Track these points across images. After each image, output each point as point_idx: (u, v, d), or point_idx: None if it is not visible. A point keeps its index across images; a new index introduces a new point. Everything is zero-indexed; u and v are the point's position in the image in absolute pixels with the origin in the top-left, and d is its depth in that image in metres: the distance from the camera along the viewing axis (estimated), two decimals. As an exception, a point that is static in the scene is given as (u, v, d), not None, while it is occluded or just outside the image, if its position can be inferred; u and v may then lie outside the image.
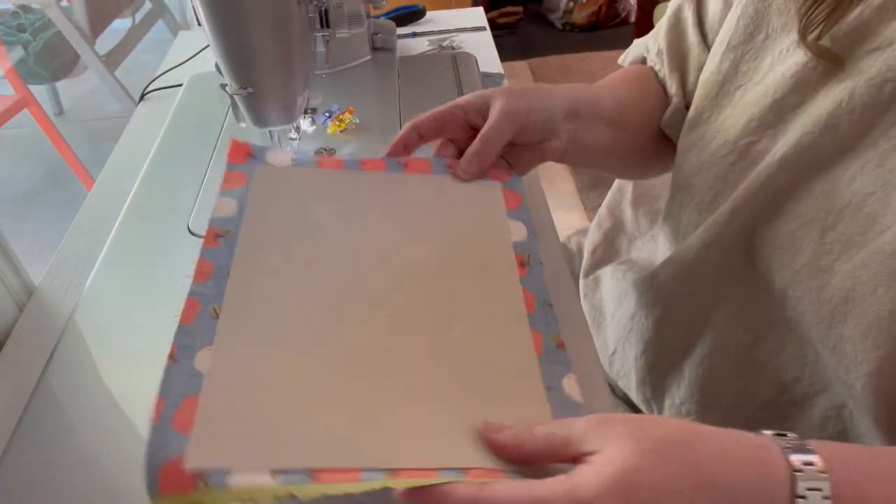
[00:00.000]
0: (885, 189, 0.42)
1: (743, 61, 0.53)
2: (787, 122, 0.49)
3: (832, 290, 0.44)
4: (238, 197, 0.49)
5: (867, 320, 0.42)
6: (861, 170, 0.44)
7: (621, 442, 0.32)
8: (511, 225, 0.49)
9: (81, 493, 0.42)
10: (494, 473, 0.34)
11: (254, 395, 0.37)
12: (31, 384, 0.49)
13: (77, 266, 0.63)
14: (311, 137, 0.72)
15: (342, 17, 0.60)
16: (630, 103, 0.62)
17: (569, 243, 0.85)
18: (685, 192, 0.57)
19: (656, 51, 0.65)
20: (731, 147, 0.52)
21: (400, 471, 0.34)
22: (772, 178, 0.48)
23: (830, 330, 0.45)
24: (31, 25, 2.01)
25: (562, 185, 2.04)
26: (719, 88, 0.55)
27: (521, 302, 0.44)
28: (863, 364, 0.43)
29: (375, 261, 0.46)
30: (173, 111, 0.81)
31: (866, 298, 0.42)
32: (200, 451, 0.33)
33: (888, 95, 0.42)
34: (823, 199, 0.45)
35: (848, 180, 0.44)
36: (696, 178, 0.55)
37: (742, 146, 0.51)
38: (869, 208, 0.43)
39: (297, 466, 0.33)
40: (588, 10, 2.97)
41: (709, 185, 0.54)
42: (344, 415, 0.37)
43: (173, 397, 0.36)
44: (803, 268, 0.46)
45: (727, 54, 0.54)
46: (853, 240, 0.44)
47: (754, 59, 0.52)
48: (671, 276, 0.58)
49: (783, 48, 0.50)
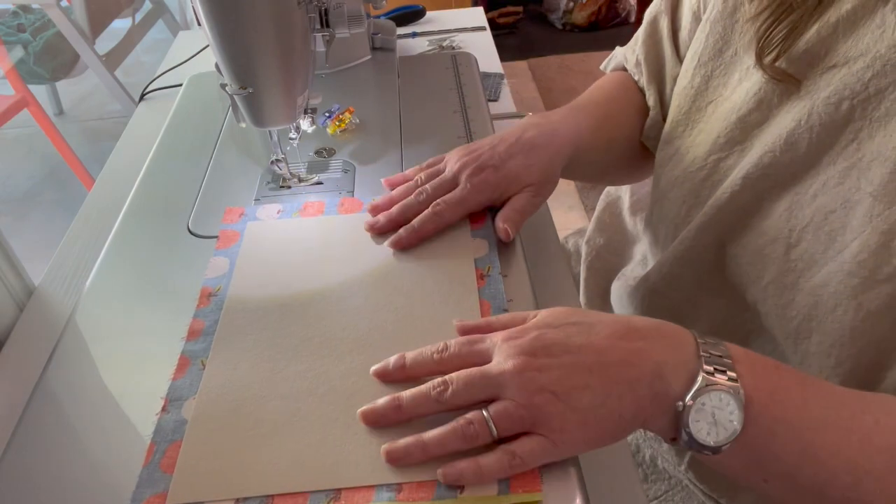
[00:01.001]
0: (844, 207, 0.42)
1: (713, 77, 0.53)
2: (753, 138, 0.49)
3: (796, 308, 0.45)
4: (230, 255, 0.57)
5: (830, 338, 0.43)
6: (822, 187, 0.44)
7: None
8: (474, 243, 0.56)
9: (81, 493, 0.42)
10: (427, 486, 0.39)
11: (227, 433, 0.43)
12: (31, 384, 0.49)
13: (77, 266, 0.63)
14: (311, 137, 0.72)
15: (342, 17, 0.60)
16: (614, 121, 0.63)
17: (566, 244, 0.85)
18: (661, 205, 0.57)
19: (634, 61, 0.65)
20: (701, 163, 0.52)
21: (340, 491, 0.39)
22: (736, 195, 0.48)
23: (797, 346, 0.45)
24: (31, 25, 2.01)
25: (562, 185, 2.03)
26: (692, 103, 0.55)
27: (478, 309, 0.50)
28: (829, 380, 0.43)
29: (352, 296, 0.52)
30: (173, 111, 0.81)
31: (828, 317, 0.42)
32: (179, 489, 0.40)
33: (845, 114, 0.42)
34: (787, 217, 0.46)
35: (810, 198, 0.44)
36: (671, 192, 0.56)
37: (711, 162, 0.52)
38: (830, 226, 0.43)
39: (256, 494, 0.39)
40: (588, 10, 2.97)
41: (682, 200, 0.54)
42: (303, 443, 0.42)
43: (162, 443, 0.43)
44: (769, 284, 0.47)
45: (698, 70, 0.54)
46: (815, 257, 0.44)
47: (723, 74, 0.52)
48: (651, 288, 0.59)
49: (749, 65, 0.50)
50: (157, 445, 0.43)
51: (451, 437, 0.38)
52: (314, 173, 0.67)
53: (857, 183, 0.42)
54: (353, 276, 0.54)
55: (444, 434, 0.38)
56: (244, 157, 0.70)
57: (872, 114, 0.41)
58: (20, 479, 0.43)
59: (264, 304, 0.52)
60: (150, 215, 0.64)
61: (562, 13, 3.00)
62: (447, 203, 0.55)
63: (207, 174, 0.68)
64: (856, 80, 0.42)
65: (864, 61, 0.41)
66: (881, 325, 0.40)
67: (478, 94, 0.81)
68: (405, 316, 0.50)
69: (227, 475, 0.41)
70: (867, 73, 0.41)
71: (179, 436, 0.43)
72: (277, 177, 0.66)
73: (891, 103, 0.40)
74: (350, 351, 0.48)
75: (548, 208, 0.69)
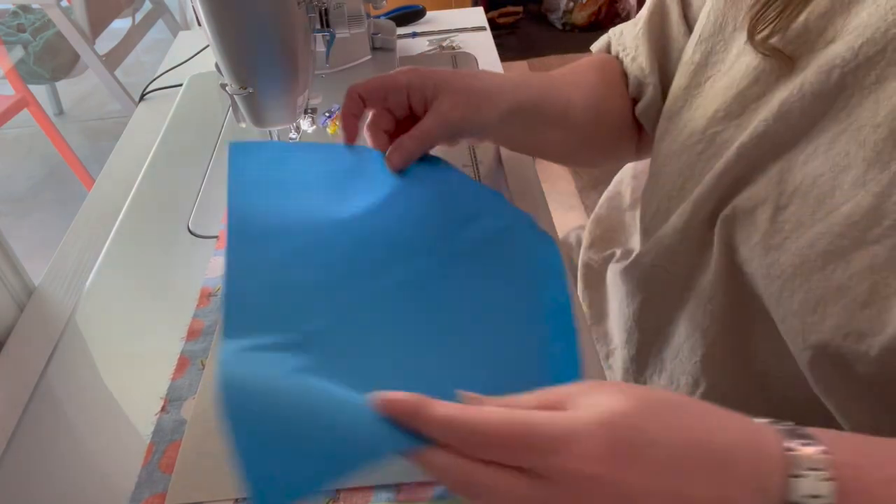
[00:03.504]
0: (833, 171, 0.43)
1: (713, 52, 0.54)
2: (750, 112, 0.49)
3: (781, 267, 0.45)
4: None
5: (815, 295, 0.43)
6: (814, 153, 0.44)
7: (611, 394, 0.33)
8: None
9: (81, 492, 0.42)
10: (426, 486, 0.38)
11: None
12: (31, 384, 0.49)
13: (77, 266, 0.63)
14: (311, 137, 0.72)
15: (342, 17, 0.60)
16: (580, 105, 0.62)
17: (568, 237, 0.86)
18: (656, 179, 0.58)
19: (633, 35, 0.64)
20: (699, 136, 0.53)
21: (339, 491, 0.39)
22: (731, 166, 0.49)
23: (780, 304, 0.45)
24: (31, 25, 2.01)
25: (562, 186, 2.04)
26: (691, 79, 0.55)
27: None
28: (811, 336, 0.43)
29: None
30: (173, 111, 0.81)
31: (815, 275, 0.43)
32: (178, 489, 0.40)
33: (836, 81, 0.43)
34: (778, 180, 0.46)
35: (801, 163, 0.45)
36: (667, 165, 0.56)
37: (709, 136, 0.52)
38: (818, 189, 0.44)
39: None
40: (588, 10, 2.97)
41: (678, 173, 0.55)
42: None
43: (161, 443, 0.43)
44: (756, 245, 0.47)
45: (699, 45, 0.54)
46: (803, 220, 0.44)
47: (723, 50, 0.53)
48: (649, 264, 0.59)
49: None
50: (156, 445, 0.43)
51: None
52: (314, 173, 0.67)
53: (846, 147, 0.42)
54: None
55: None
56: (244, 157, 0.70)
57: (863, 81, 0.42)
58: (20, 479, 0.43)
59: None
60: (150, 215, 0.64)
61: (562, 13, 3.00)
62: (359, 83, 0.53)
63: (207, 174, 0.68)
64: (846, 48, 0.42)
65: (857, 32, 0.42)
66: (867, 283, 0.41)
67: (478, 94, 0.81)
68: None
69: (226, 475, 0.41)
70: (858, 40, 0.42)
71: (179, 436, 0.43)
72: (277, 177, 0.66)
73: (881, 70, 0.41)
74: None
75: (548, 208, 0.69)
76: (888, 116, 0.41)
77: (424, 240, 0.47)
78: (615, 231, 0.76)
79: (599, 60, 0.66)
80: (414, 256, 0.46)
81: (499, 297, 0.46)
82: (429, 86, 0.53)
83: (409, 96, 0.54)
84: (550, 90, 0.61)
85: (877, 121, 0.41)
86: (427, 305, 0.43)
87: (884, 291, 0.40)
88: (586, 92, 0.63)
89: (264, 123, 0.59)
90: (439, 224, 0.49)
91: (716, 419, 0.34)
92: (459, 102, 0.53)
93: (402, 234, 0.47)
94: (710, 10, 0.54)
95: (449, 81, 0.53)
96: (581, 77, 0.64)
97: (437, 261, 0.46)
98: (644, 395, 0.33)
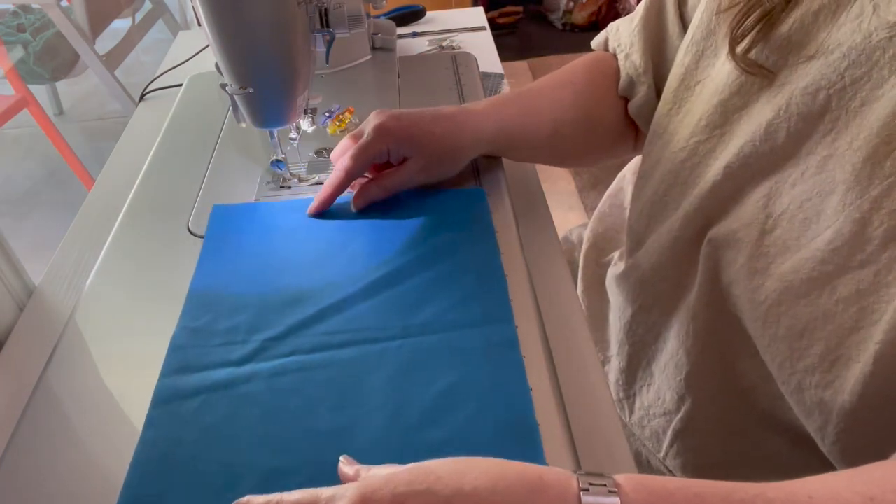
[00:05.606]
0: (820, 195, 0.42)
1: (704, 56, 0.53)
2: (733, 123, 0.49)
3: (766, 292, 0.45)
4: None
5: (802, 321, 0.43)
6: (801, 176, 0.44)
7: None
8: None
9: (81, 493, 0.42)
10: None
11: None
12: (31, 384, 0.49)
13: (77, 266, 0.63)
14: (311, 137, 0.72)
15: (342, 17, 0.60)
16: (570, 120, 0.64)
17: (570, 236, 0.85)
18: (645, 180, 0.58)
19: (629, 31, 0.63)
20: (683, 144, 0.52)
21: None
22: (717, 185, 0.48)
23: (765, 329, 0.45)
24: (31, 25, 2.01)
25: (562, 186, 2.04)
26: (680, 82, 0.55)
27: None
28: (800, 362, 0.43)
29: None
30: (173, 111, 0.81)
31: (801, 300, 0.43)
32: None
33: (822, 104, 0.43)
34: (765, 204, 0.46)
35: (789, 186, 0.45)
36: (654, 169, 0.56)
37: (692, 144, 0.52)
38: (804, 214, 0.43)
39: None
40: (588, 10, 2.97)
41: (661, 179, 0.54)
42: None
43: None
44: (741, 268, 0.47)
45: (691, 48, 0.54)
46: (788, 244, 0.44)
47: (714, 55, 0.52)
48: (640, 278, 0.59)
49: None
50: None
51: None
52: (314, 173, 0.67)
53: (832, 172, 0.42)
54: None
55: None
56: (244, 157, 0.70)
57: (848, 104, 0.41)
58: (20, 479, 0.43)
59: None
60: (150, 215, 0.64)
61: (562, 13, 3.00)
62: (350, 155, 0.58)
63: (207, 174, 0.68)
64: (832, 70, 0.42)
65: (840, 51, 0.42)
66: (854, 309, 0.40)
67: (478, 95, 0.81)
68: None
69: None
70: (843, 62, 0.41)
71: None
72: (277, 177, 0.66)
73: (866, 93, 0.41)
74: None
75: (548, 208, 0.69)
76: (867, 139, 0.40)
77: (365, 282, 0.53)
78: (617, 230, 0.76)
79: (593, 59, 0.66)
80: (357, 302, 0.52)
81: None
82: (404, 147, 0.59)
83: (389, 153, 0.59)
84: (532, 116, 0.63)
85: (857, 144, 0.40)
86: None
87: (871, 317, 0.40)
88: (575, 103, 0.64)
89: (264, 123, 0.59)
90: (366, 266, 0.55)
91: (496, 478, 0.32)
92: (429, 164, 0.60)
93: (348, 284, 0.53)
94: (702, 12, 0.53)
95: (423, 146, 0.59)
96: (568, 90, 0.65)
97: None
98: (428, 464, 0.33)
